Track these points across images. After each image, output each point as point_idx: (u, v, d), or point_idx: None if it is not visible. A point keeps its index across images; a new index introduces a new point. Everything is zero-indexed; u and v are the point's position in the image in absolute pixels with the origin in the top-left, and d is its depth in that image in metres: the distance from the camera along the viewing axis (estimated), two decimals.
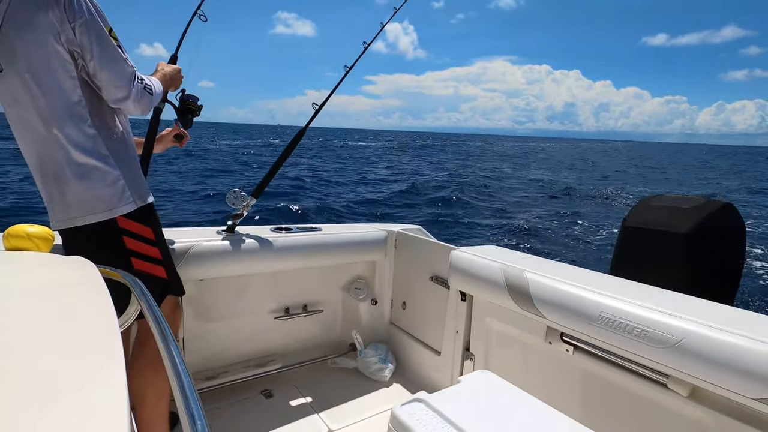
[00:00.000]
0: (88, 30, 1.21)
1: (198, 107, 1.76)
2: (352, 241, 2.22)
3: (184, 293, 1.56)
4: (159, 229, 1.46)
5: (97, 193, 1.29)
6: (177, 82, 1.62)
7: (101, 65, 1.24)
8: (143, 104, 1.35)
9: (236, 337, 2.10)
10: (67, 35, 1.19)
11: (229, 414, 1.83)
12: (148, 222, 1.40)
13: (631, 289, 1.34)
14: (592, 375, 1.38)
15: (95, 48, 1.22)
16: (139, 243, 1.37)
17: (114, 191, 1.30)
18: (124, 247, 1.34)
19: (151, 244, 1.40)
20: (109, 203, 1.30)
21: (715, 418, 1.09)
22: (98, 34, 1.23)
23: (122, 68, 1.27)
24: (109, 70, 1.25)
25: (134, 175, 1.39)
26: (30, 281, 0.72)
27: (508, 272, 1.55)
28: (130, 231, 1.34)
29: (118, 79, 1.27)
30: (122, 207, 1.32)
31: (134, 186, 1.36)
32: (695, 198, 1.80)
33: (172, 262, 1.52)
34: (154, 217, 1.45)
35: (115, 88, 1.27)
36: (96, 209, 1.29)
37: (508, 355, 1.70)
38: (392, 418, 1.16)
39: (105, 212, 1.30)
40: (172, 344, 0.56)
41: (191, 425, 0.40)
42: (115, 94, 1.28)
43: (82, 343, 0.48)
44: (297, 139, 2.01)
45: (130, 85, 1.28)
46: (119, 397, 0.36)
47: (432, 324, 2.08)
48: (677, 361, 1.07)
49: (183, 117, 1.75)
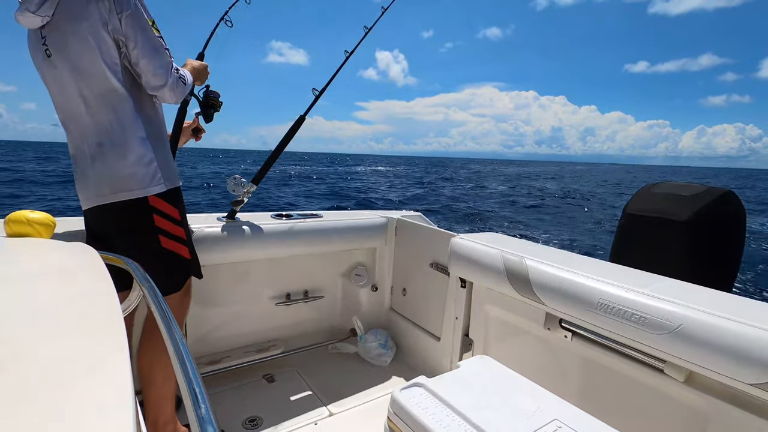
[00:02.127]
0: (134, 21, 1.29)
1: (219, 103, 1.84)
2: (353, 228, 2.22)
3: (202, 276, 1.59)
4: (184, 211, 1.52)
5: (132, 172, 1.35)
6: (203, 77, 1.70)
7: (143, 54, 1.32)
8: (177, 93, 1.43)
9: (238, 322, 2.12)
10: (114, 24, 1.28)
11: (232, 398, 1.86)
12: (176, 203, 1.46)
13: (630, 276, 1.34)
14: (591, 361, 1.39)
15: (139, 38, 1.30)
16: (167, 222, 1.43)
17: (147, 171, 1.37)
18: (153, 225, 1.39)
19: (177, 224, 1.45)
20: (143, 182, 1.36)
21: (710, 403, 1.10)
22: (142, 25, 1.31)
23: (162, 58, 1.36)
24: (149, 59, 1.33)
25: (166, 158, 1.46)
26: (31, 267, 0.72)
27: (508, 259, 1.55)
28: (159, 209, 1.40)
29: (158, 68, 1.35)
30: (154, 187, 1.38)
31: (166, 168, 1.43)
32: (696, 186, 1.79)
33: (193, 244, 1.57)
34: (181, 200, 1.51)
35: (154, 76, 1.35)
36: (131, 187, 1.35)
37: (507, 341, 1.71)
38: (392, 403, 1.18)
39: (139, 190, 1.36)
40: (175, 329, 0.56)
41: (195, 408, 0.41)
42: (154, 81, 1.36)
43: (84, 329, 0.49)
44: (296, 127, 2.01)
45: (168, 74, 1.37)
46: (123, 382, 0.37)
47: (432, 310, 2.10)
48: (674, 347, 1.08)
49: (205, 111, 1.82)
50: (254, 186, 1.92)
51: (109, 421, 0.32)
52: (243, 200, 1.92)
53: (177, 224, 1.46)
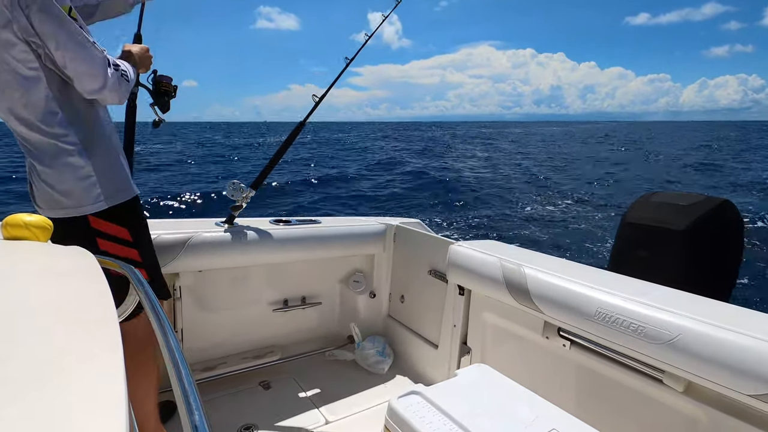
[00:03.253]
0: (46, 16, 1.06)
1: (174, 88, 1.62)
2: (351, 234, 2.22)
3: (168, 297, 1.52)
4: (137, 228, 1.35)
5: (66, 188, 1.20)
6: (147, 63, 1.46)
7: (69, 55, 1.11)
8: (121, 92, 1.23)
9: (235, 328, 2.11)
10: (20, 23, 1.05)
11: (227, 405, 1.84)
12: (123, 221, 1.29)
13: (629, 286, 1.34)
14: (589, 370, 1.38)
15: (60, 36, 1.08)
16: (114, 245, 1.27)
17: (84, 186, 1.21)
18: (97, 249, 1.23)
19: (127, 245, 1.30)
20: (79, 200, 1.21)
21: (709, 414, 1.10)
22: (59, 18, 1.08)
23: (91, 55, 1.14)
24: (77, 60, 1.12)
25: (111, 169, 1.28)
26: (27, 270, 0.71)
27: (507, 267, 1.55)
28: (102, 232, 1.25)
29: (90, 68, 1.14)
30: (91, 205, 1.22)
31: (109, 181, 1.25)
32: (694, 195, 1.80)
33: (156, 262, 1.43)
34: (133, 215, 1.33)
35: (88, 77, 1.15)
36: (64, 204, 1.21)
37: (505, 350, 1.71)
38: (389, 411, 1.17)
39: (74, 208, 1.21)
40: (171, 335, 0.56)
41: (189, 415, 0.40)
42: (89, 84, 1.16)
43: (79, 333, 0.48)
44: (296, 132, 2.01)
45: (104, 73, 1.16)
46: (118, 386, 0.36)
47: (430, 317, 2.09)
48: (673, 357, 1.08)
49: (159, 100, 1.60)
50: (253, 191, 1.92)
51: (102, 421, 0.32)
52: (242, 205, 1.92)
53: (127, 245, 1.29)
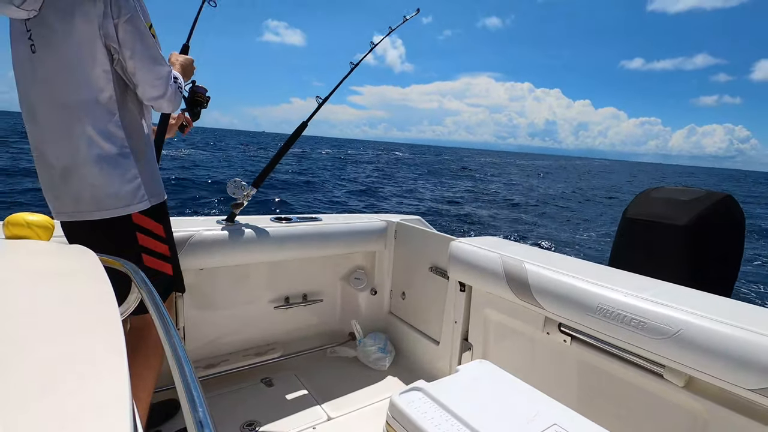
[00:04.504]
0: (132, 27, 1.19)
1: (206, 99, 1.74)
2: (352, 231, 2.22)
3: (184, 291, 1.57)
4: (168, 226, 1.46)
5: (115, 190, 1.27)
6: (189, 73, 1.60)
7: (141, 65, 1.23)
8: (175, 103, 1.35)
9: (236, 325, 2.11)
10: (107, 30, 1.17)
11: (230, 402, 1.85)
12: (160, 219, 1.40)
13: (630, 281, 1.34)
14: (590, 365, 1.39)
15: (137, 47, 1.20)
16: (151, 240, 1.37)
17: (131, 188, 1.29)
18: (137, 243, 1.33)
19: (161, 240, 1.40)
20: (126, 200, 1.29)
21: (709, 408, 1.10)
22: (141, 32, 1.21)
23: (161, 68, 1.27)
24: (148, 70, 1.24)
25: (152, 171, 1.38)
26: (30, 269, 0.72)
27: (508, 263, 1.55)
28: (143, 227, 1.34)
29: (156, 79, 1.26)
30: (138, 204, 1.31)
31: (151, 183, 1.35)
32: (695, 190, 1.80)
33: (178, 259, 1.52)
34: (165, 214, 1.44)
35: (152, 87, 1.27)
36: (111, 205, 1.27)
37: (506, 345, 1.71)
38: (391, 407, 1.18)
39: (122, 208, 1.28)
40: (173, 332, 0.56)
41: (192, 412, 0.41)
42: (151, 92, 1.28)
43: (82, 332, 0.49)
44: (299, 131, 2.02)
45: (167, 85, 1.29)
46: (120, 384, 0.37)
47: (431, 314, 2.10)
48: (674, 352, 1.08)
49: (192, 109, 1.73)
50: (254, 189, 1.93)
51: (107, 423, 0.32)
52: (243, 203, 1.92)
53: (161, 241, 1.40)
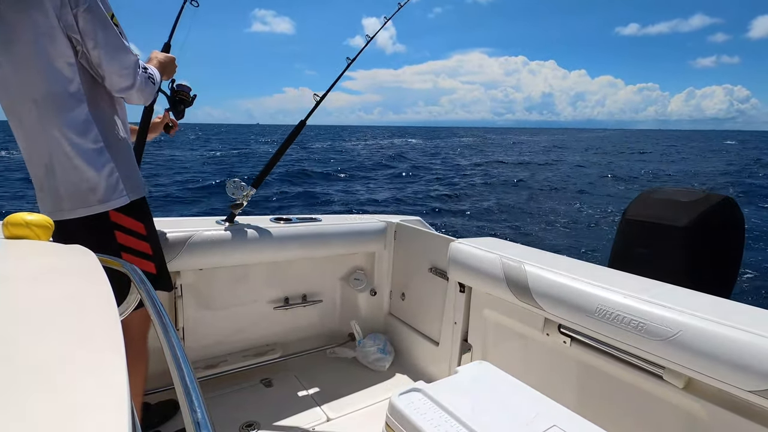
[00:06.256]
0: (92, 17, 1.16)
1: (191, 98, 1.71)
2: (352, 232, 2.22)
3: (172, 289, 1.56)
4: (150, 223, 1.43)
5: (91, 186, 1.24)
6: (171, 71, 1.57)
7: (105, 54, 1.20)
8: (146, 94, 1.32)
9: (236, 326, 2.11)
10: (67, 21, 1.14)
11: (229, 402, 1.85)
12: (139, 216, 1.36)
13: (629, 282, 1.34)
14: (589, 366, 1.39)
15: (99, 36, 1.17)
16: (130, 238, 1.34)
17: (108, 184, 1.26)
18: (115, 242, 1.30)
19: (141, 239, 1.37)
20: (103, 196, 1.26)
21: (709, 410, 1.10)
22: (102, 21, 1.18)
23: (126, 57, 1.24)
24: (113, 60, 1.21)
25: (129, 167, 1.35)
26: (29, 269, 0.72)
27: (507, 264, 1.55)
28: (121, 225, 1.31)
29: (123, 68, 1.23)
30: (115, 200, 1.28)
31: (128, 179, 1.32)
32: (695, 191, 1.80)
33: (163, 256, 1.49)
34: (146, 211, 1.41)
35: (119, 77, 1.24)
36: (89, 202, 1.25)
37: (505, 347, 1.71)
38: (390, 408, 1.17)
39: (98, 205, 1.26)
40: (172, 333, 0.56)
41: (191, 413, 0.41)
42: (120, 83, 1.25)
43: (81, 332, 0.48)
44: (297, 131, 2.01)
45: (134, 74, 1.25)
46: (120, 385, 0.36)
47: (430, 315, 2.09)
48: (673, 354, 1.08)
49: (175, 107, 1.70)
50: (254, 190, 1.92)
51: (105, 424, 0.32)
52: (242, 203, 1.92)
53: (141, 239, 1.36)
